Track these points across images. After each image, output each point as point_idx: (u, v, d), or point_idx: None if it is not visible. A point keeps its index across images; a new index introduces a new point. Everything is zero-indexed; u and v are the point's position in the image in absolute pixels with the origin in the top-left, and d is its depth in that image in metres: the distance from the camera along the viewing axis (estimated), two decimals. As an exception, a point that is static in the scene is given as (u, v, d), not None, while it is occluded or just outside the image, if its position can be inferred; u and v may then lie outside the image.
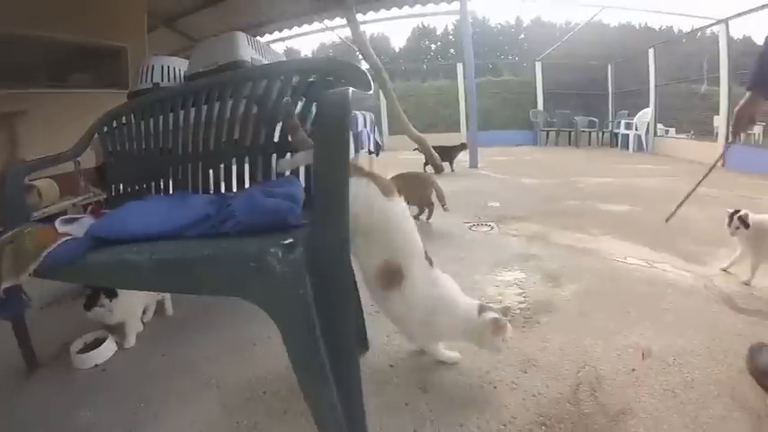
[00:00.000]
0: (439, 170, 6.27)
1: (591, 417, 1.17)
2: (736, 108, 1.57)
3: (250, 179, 1.52)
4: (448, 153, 6.44)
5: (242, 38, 2.23)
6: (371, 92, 1.23)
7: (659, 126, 10.05)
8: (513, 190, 4.93)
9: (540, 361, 1.45)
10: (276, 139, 1.46)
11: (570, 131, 10.98)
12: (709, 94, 9.26)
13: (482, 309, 1.28)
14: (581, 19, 18.56)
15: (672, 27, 16.15)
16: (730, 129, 2.01)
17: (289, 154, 1.40)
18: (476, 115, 6.87)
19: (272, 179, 1.44)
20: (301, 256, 0.83)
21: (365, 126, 3.34)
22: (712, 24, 7.61)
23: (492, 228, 3.29)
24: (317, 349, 0.82)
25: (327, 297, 0.84)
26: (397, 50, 30.43)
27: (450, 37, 28.37)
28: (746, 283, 2.04)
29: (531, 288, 2.08)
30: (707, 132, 8.90)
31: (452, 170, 6.41)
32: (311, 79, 1.42)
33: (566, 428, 1.13)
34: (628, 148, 9.46)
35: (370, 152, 3.63)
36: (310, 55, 20.47)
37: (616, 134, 10.17)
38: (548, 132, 11.12)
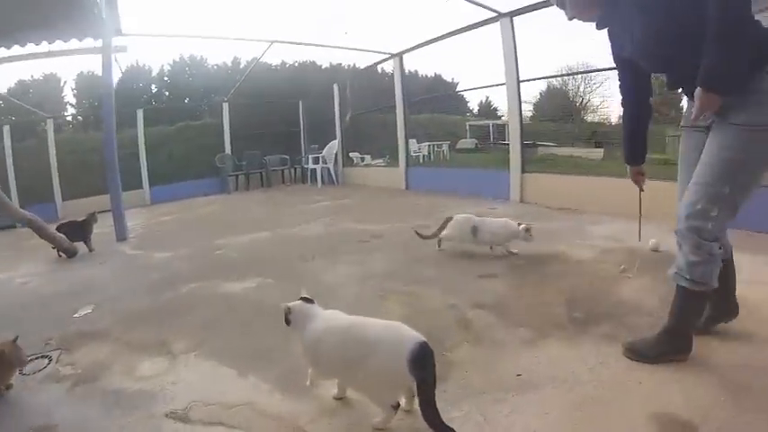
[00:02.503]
0: (71, 254, 4.73)
1: None
2: (630, 176, 2.08)
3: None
4: (80, 230, 4.93)
5: None
6: None
7: (355, 155, 10.56)
8: (131, 275, 3.85)
9: None
10: None
11: (261, 172, 10.58)
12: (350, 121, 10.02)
13: None
14: (270, 58, 18.89)
15: (355, 64, 17.86)
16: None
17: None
18: (117, 173, 5.51)
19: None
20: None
21: None
22: (388, 58, 8.34)
23: (48, 363, 2.19)
24: None
25: None
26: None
27: (166, 78, 25.50)
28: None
29: None
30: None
31: (90, 249, 4.93)
32: None
33: None
34: (317, 182, 9.56)
35: None
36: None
37: (307, 169, 10.29)
38: (237, 177, 10.46)
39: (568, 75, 6.14)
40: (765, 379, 1.61)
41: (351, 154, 10.42)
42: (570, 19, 1.70)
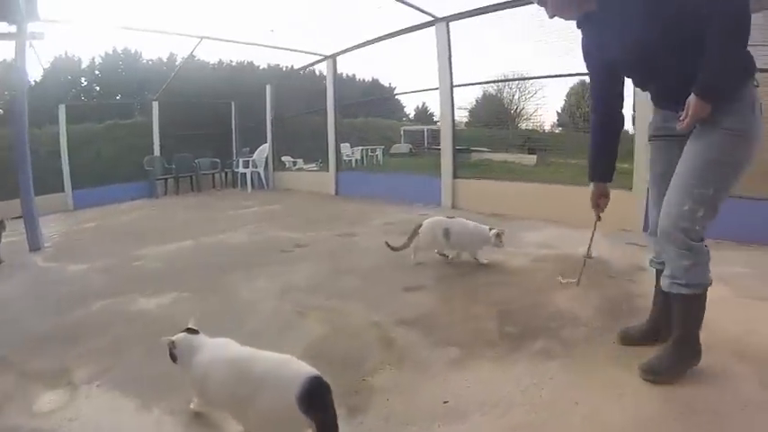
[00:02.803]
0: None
1: None
2: (591, 197, 1.92)
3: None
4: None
5: None
6: None
7: (288, 158, 10.12)
8: (39, 291, 3.31)
9: None
10: None
11: (191, 176, 9.90)
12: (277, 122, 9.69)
13: None
14: (206, 56, 17.95)
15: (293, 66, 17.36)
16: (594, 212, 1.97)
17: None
18: (29, 174, 4.74)
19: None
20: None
21: None
22: (322, 60, 8.07)
23: None
24: None
25: None
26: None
27: (97, 72, 23.29)
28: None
29: None
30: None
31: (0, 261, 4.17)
32: None
33: None
34: (247, 187, 9.07)
35: None
36: None
37: (237, 173, 9.72)
38: (166, 180, 9.70)
39: (503, 81, 6.20)
40: (713, 395, 1.50)
41: (283, 158, 10.00)
42: (551, 17, 1.64)
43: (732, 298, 2.33)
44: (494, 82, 5.79)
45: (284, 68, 15.64)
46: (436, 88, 5.91)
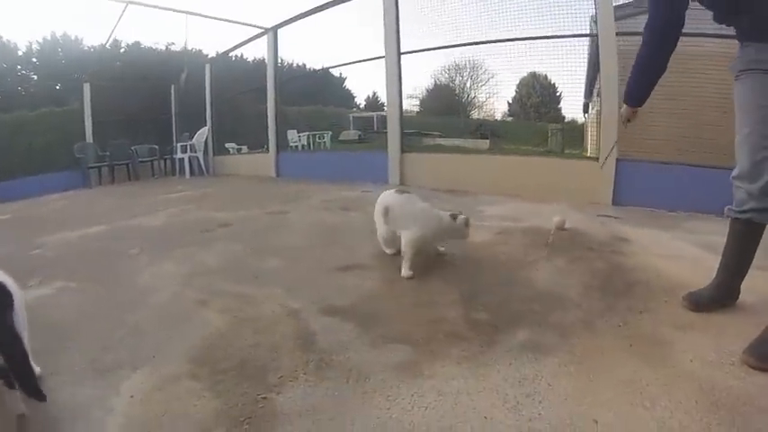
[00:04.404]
0: None
1: None
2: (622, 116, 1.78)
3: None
4: None
5: None
6: None
7: (232, 145, 9.46)
8: None
9: None
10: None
11: (128, 164, 9.04)
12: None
13: None
14: (147, 40, 16.65)
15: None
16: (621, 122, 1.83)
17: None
18: None
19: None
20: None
21: None
22: (262, 34, 7.38)
23: None
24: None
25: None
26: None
27: (35, 60, 20.84)
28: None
29: None
30: (282, 146, 8.61)
31: None
32: None
33: None
34: (185, 173, 8.38)
35: None
36: None
37: (176, 160, 8.91)
38: (99, 169, 8.73)
39: (456, 46, 5.60)
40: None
41: (227, 145, 9.37)
42: None
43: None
44: (446, 48, 5.19)
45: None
46: (382, 57, 5.32)
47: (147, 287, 2.08)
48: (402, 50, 5.22)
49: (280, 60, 7.74)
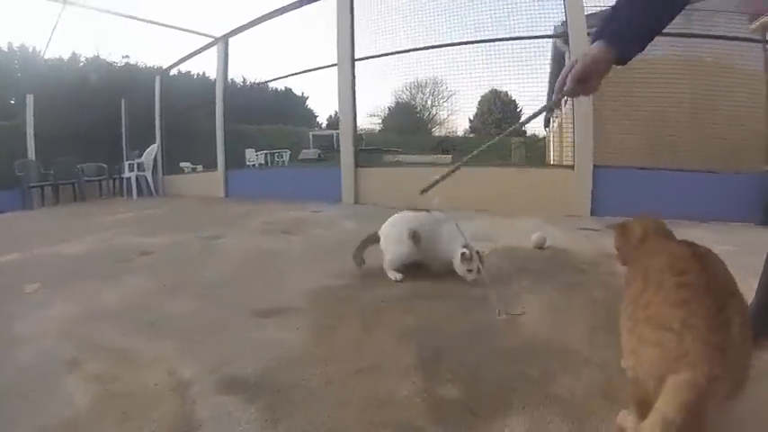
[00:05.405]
0: None
1: None
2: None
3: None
4: None
5: None
6: None
7: (187, 165, 8.86)
8: None
9: None
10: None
11: (73, 183, 8.37)
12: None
13: None
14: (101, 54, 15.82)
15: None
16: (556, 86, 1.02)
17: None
18: None
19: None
20: None
21: None
22: (213, 43, 7.02)
23: None
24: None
25: None
26: None
27: None
28: None
29: None
30: (235, 165, 8.08)
31: None
32: None
33: None
34: (132, 194, 7.84)
35: None
36: None
37: (124, 179, 8.34)
38: (42, 188, 8.04)
39: (412, 50, 5.26)
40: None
41: (181, 164, 8.76)
42: None
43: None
44: (402, 52, 4.79)
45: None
46: (334, 65, 4.90)
47: (18, 338, 1.58)
48: (356, 57, 4.81)
49: (242, 79, 7.27)
